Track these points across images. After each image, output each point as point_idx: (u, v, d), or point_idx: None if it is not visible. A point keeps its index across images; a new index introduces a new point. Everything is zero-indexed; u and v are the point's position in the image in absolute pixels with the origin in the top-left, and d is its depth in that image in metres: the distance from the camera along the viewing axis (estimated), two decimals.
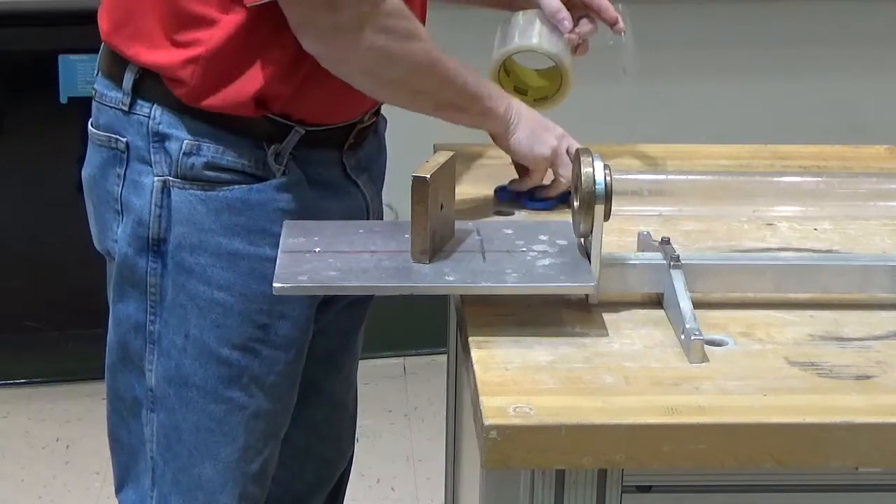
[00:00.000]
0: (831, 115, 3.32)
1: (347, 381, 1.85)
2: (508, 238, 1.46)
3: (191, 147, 1.51)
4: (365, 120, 1.61)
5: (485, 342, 1.31)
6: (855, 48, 3.32)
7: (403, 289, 1.37)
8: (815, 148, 1.93)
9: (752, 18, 3.26)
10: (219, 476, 1.59)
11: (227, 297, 1.53)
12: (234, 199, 1.52)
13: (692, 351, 1.28)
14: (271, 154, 1.52)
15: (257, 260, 1.53)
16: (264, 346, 1.56)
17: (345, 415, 1.86)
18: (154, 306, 1.56)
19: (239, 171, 1.52)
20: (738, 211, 1.53)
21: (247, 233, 1.52)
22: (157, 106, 1.52)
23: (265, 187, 1.52)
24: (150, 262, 1.55)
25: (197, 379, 1.55)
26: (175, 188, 1.52)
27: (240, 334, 1.55)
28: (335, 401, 1.81)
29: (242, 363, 1.55)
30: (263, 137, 1.52)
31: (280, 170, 1.53)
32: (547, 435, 1.17)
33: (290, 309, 1.57)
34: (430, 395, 3.13)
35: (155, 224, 1.53)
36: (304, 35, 1.46)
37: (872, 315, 1.39)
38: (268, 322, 1.55)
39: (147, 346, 1.57)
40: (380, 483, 2.85)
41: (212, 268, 1.53)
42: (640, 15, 3.37)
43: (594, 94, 3.24)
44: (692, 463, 1.19)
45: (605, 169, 1.35)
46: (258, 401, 1.58)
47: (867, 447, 1.19)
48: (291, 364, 1.60)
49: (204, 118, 1.51)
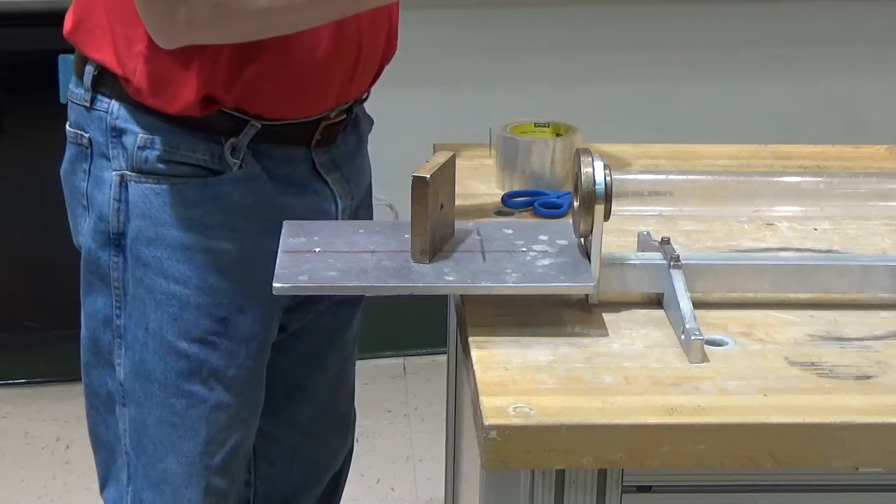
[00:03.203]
0: (831, 115, 3.32)
1: (336, 383, 1.83)
2: (508, 238, 1.46)
3: (145, 141, 1.51)
4: (332, 116, 1.59)
5: (485, 342, 1.31)
6: (855, 48, 3.32)
7: (403, 289, 1.37)
8: (815, 148, 1.93)
9: (752, 18, 3.26)
10: (183, 470, 1.59)
11: (184, 291, 1.54)
12: (189, 192, 1.52)
13: (692, 351, 1.28)
14: (228, 148, 1.52)
15: (214, 253, 1.53)
16: (223, 340, 1.56)
17: (333, 416, 1.85)
18: (119, 300, 1.57)
19: (194, 164, 1.52)
20: (738, 211, 1.53)
21: (202, 226, 1.53)
22: (114, 101, 1.53)
23: (221, 181, 1.52)
24: (112, 256, 1.56)
25: (158, 373, 1.56)
26: (132, 182, 1.53)
27: (197, 328, 1.55)
28: (321, 401, 1.81)
29: (201, 356, 1.56)
30: (220, 131, 1.52)
31: (237, 163, 1.52)
32: (547, 435, 1.17)
33: (250, 303, 1.57)
34: (430, 395, 3.13)
35: (114, 218, 1.54)
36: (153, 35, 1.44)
37: (872, 315, 1.39)
38: (226, 315, 1.56)
39: (115, 341, 1.58)
40: (380, 483, 2.85)
41: (168, 261, 1.53)
42: (640, 15, 3.38)
43: (594, 94, 3.24)
44: (692, 463, 1.19)
45: (605, 169, 1.35)
46: (218, 394, 1.58)
47: (867, 447, 1.19)
48: (253, 358, 1.60)
49: (158, 113, 1.51)
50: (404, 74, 3.22)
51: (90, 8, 1.53)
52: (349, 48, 1.55)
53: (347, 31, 1.53)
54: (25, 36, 2.44)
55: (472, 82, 3.18)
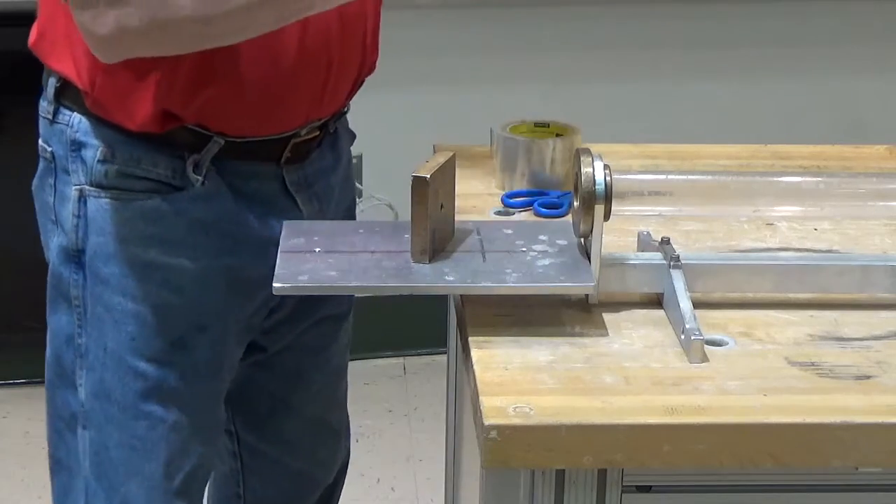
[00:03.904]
0: (831, 114, 3.32)
1: (323, 396, 1.79)
2: (508, 238, 1.46)
3: (105, 155, 1.47)
4: (303, 133, 1.54)
5: (485, 342, 1.31)
6: (855, 48, 3.32)
7: (403, 289, 1.37)
8: (815, 148, 1.93)
9: (752, 18, 3.26)
10: (144, 493, 1.54)
11: (141, 309, 1.50)
12: (148, 208, 1.48)
13: (692, 351, 1.28)
14: (190, 164, 1.47)
15: (173, 271, 1.49)
16: (181, 359, 1.52)
17: (320, 431, 1.80)
18: (80, 318, 1.53)
19: (154, 179, 1.48)
20: (738, 211, 1.53)
21: (162, 243, 1.48)
22: (75, 114, 1.49)
23: (182, 197, 1.48)
24: (72, 272, 1.52)
25: (117, 394, 1.52)
26: (91, 197, 1.49)
27: (154, 347, 1.51)
28: (307, 417, 1.77)
29: (158, 376, 1.51)
30: (182, 147, 1.47)
31: (199, 180, 1.48)
32: (547, 435, 1.17)
33: (210, 322, 1.53)
34: (430, 395, 3.14)
35: (73, 234, 1.50)
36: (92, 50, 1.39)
37: (872, 315, 1.39)
38: (184, 335, 1.51)
39: (77, 360, 1.54)
40: (380, 483, 2.85)
41: (126, 278, 1.49)
42: (640, 15, 3.38)
43: (594, 94, 3.24)
44: (692, 463, 1.19)
45: (605, 169, 1.35)
46: (176, 415, 1.53)
47: (867, 447, 1.19)
48: (212, 378, 1.56)
49: (118, 127, 1.47)
50: (404, 74, 3.23)
51: (53, 18, 1.49)
52: (317, 62, 1.49)
53: (315, 45, 1.47)
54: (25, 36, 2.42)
55: (472, 82, 3.18)
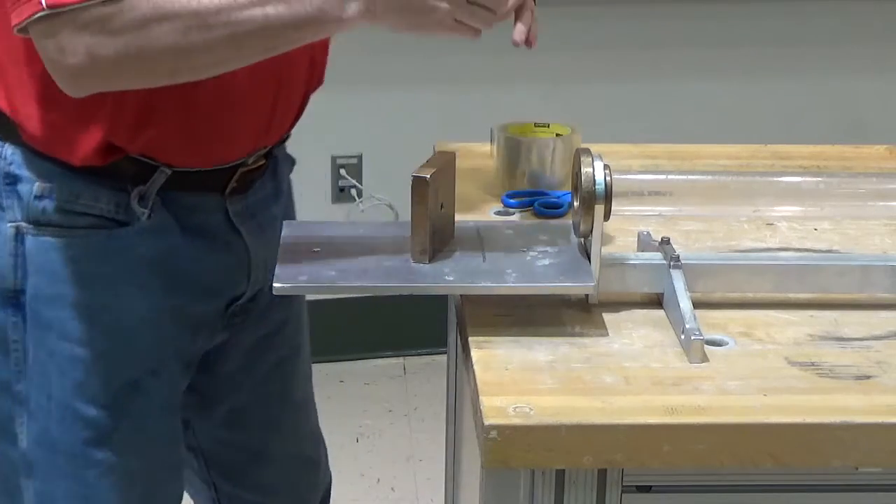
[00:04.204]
0: (831, 114, 3.32)
1: (296, 436, 1.74)
2: (508, 238, 1.46)
3: (42, 190, 1.39)
4: (250, 162, 1.48)
5: (485, 342, 1.31)
6: (855, 48, 3.32)
7: (403, 289, 1.37)
8: (815, 148, 1.93)
9: (752, 18, 3.26)
10: None
11: (89, 354, 1.41)
12: (92, 245, 1.40)
13: (692, 351, 1.28)
14: (134, 196, 1.40)
15: (121, 312, 1.42)
16: (135, 404, 1.44)
17: (299, 467, 1.75)
18: (18, 364, 1.43)
19: (97, 215, 1.40)
20: (738, 211, 1.53)
21: (108, 282, 1.41)
22: (9, 145, 1.40)
23: (127, 233, 1.40)
24: (10, 315, 1.42)
25: (64, 443, 1.43)
26: (29, 235, 1.40)
27: (106, 392, 1.43)
28: (284, 459, 1.71)
29: (111, 423, 1.43)
30: (125, 178, 1.40)
31: (145, 213, 1.40)
32: (547, 435, 1.17)
33: (162, 363, 1.46)
34: (430, 395, 3.14)
35: (10, 274, 1.40)
36: (61, 85, 1.30)
37: (872, 315, 1.39)
38: (137, 377, 1.44)
39: (15, 408, 1.44)
40: (380, 483, 2.85)
41: (71, 321, 1.40)
42: (640, 15, 3.38)
43: (594, 94, 3.24)
44: (692, 463, 1.19)
45: (605, 169, 1.35)
46: (131, 461, 1.46)
47: (867, 447, 1.19)
48: (167, 420, 1.49)
49: (56, 159, 1.39)
50: (404, 74, 3.23)
51: None
52: (266, 88, 1.44)
53: (263, 69, 1.38)
54: None
55: (472, 82, 3.18)
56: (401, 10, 1.29)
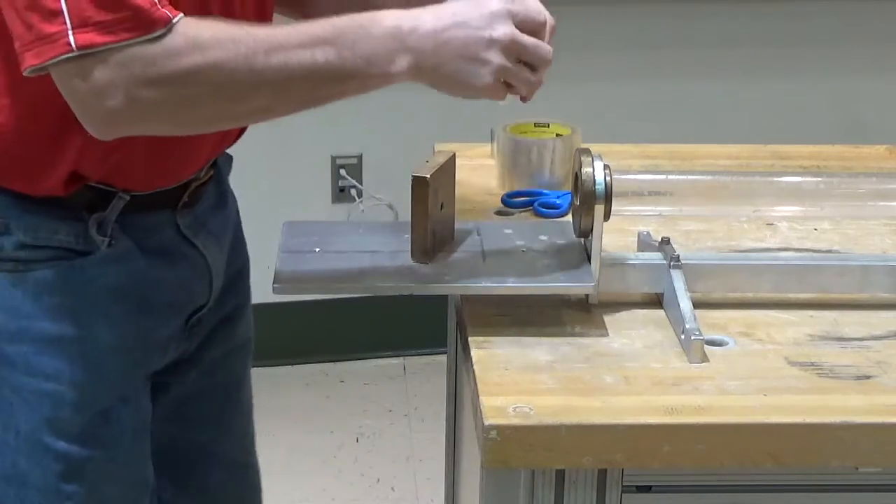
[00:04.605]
0: (831, 115, 3.32)
1: (243, 440, 1.69)
2: (508, 238, 1.46)
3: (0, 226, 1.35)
4: (202, 175, 1.45)
5: (485, 342, 1.31)
6: (855, 48, 3.32)
7: (403, 289, 1.37)
8: (815, 148, 1.93)
9: (752, 18, 3.26)
10: None
11: (57, 387, 1.37)
12: (53, 278, 1.35)
13: (692, 351, 1.28)
14: (93, 225, 1.35)
15: (88, 343, 1.37)
16: (107, 433, 1.41)
17: (244, 476, 1.70)
18: None
19: (56, 247, 1.35)
20: (738, 211, 1.53)
21: (73, 314, 1.36)
22: None
23: (88, 263, 1.36)
24: None
25: (34, 478, 1.39)
26: None
27: (76, 425, 1.38)
28: (230, 463, 1.66)
29: (83, 455, 1.39)
30: (82, 207, 1.35)
31: (105, 241, 1.36)
32: (547, 435, 1.17)
33: (133, 390, 1.43)
34: (430, 395, 3.13)
35: None
36: (88, 126, 1.26)
37: (872, 315, 1.39)
38: (108, 406, 1.40)
39: None
40: (380, 483, 2.85)
41: (36, 356, 1.36)
42: (640, 15, 3.37)
43: (594, 94, 3.24)
44: (692, 463, 1.19)
45: (605, 169, 1.35)
46: (104, 489, 1.43)
47: (867, 447, 1.19)
48: (138, 444, 1.46)
49: (11, 192, 1.35)
50: None
51: None
52: None
53: None
54: None
55: None
56: (451, 62, 1.27)
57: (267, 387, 3.19)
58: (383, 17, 1.27)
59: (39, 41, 1.20)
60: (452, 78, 1.28)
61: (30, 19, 1.20)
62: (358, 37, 1.25)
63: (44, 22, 1.20)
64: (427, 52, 1.26)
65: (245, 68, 1.23)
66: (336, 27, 1.26)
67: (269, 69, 1.24)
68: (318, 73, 1.25)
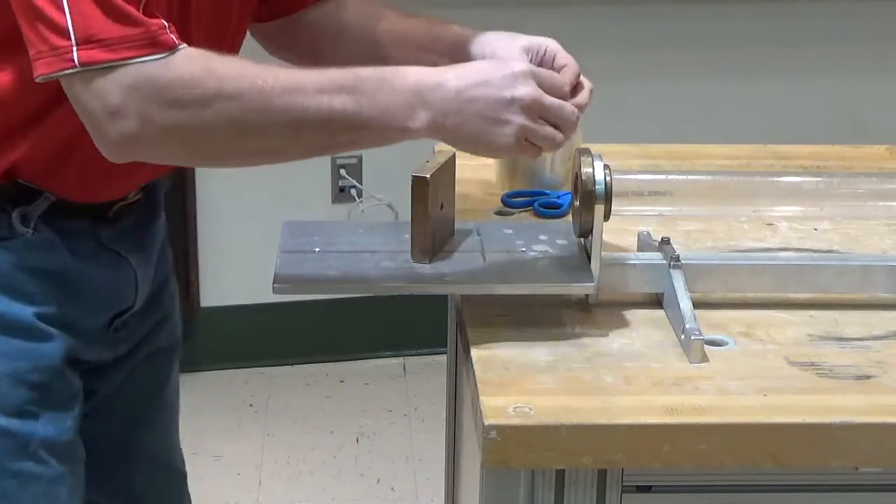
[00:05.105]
0: (831, 115, 3.32)
1: (166, 440, 1.67)
2: (508, 238, 1.46)
3: None
4: (129, 198, 1.46)
5: (485, 342, 1.31)
6: (855, 48, 3.32)
7: (403, 289, 1.37)
8: (815, 148, 1.93)
9: (752, 18, 3.26)
10: None
11: None
12: None
13: (692, 351, 1.28)
14: (17, 216, 1.37)
15: (16, 318, 1.38)
16: (45, 408, 1.41)
17: (167, 476, 1.68)
18: None
19: None
20: (738, 211, 1.53)
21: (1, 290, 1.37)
22: None
23: (12, 245, 1.37)
24: None
25: None
26: None
27: (13, 400, 1.39)
28: (154, 463, 1.65)
29: (25, 430, 1.39)
30: (7, 199, 1.37)
31: (28, 231, 1.38)
32: (547, 435, 1.17)
33: (62, 362, 1.42)
34: (430, 395, 3.13)
35: None
36: (101, 147, 1.27)
37: (872, 315, 1.39)
38: (44, 380, 1.40)
39: None
40: (380, 483, 2.85)
41: None
42: (640, 15, 3.38)
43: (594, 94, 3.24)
44: (692, 463, 1.19)
45: (605, 169, 1.35)
46: (53, 467, 1.42)
47: (867, 447, 1.19)
48: (78, 419, 1.45)
49: None
50: None
51: None
52: None
53: None
54: None
55: None
56: (472, 122, 1.27)
57: (267, 387, 3.20)
58: (407, 72, 1.27)
59: (50, 52, 1.22)
60: (474, 138, 1.28)
61: (41, 30, 1.22)
62: (379, 88, 1.26)
63: (52, 34, 1.22)
64: (448, 111, 1.26)
65: (261, 104, 1.24)
66: (358, 76, 1.26)
67: (285, 109, 1.24)
68: (334, 119, 1.25)
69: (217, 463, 2.88)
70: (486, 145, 1.29)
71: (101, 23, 1.21)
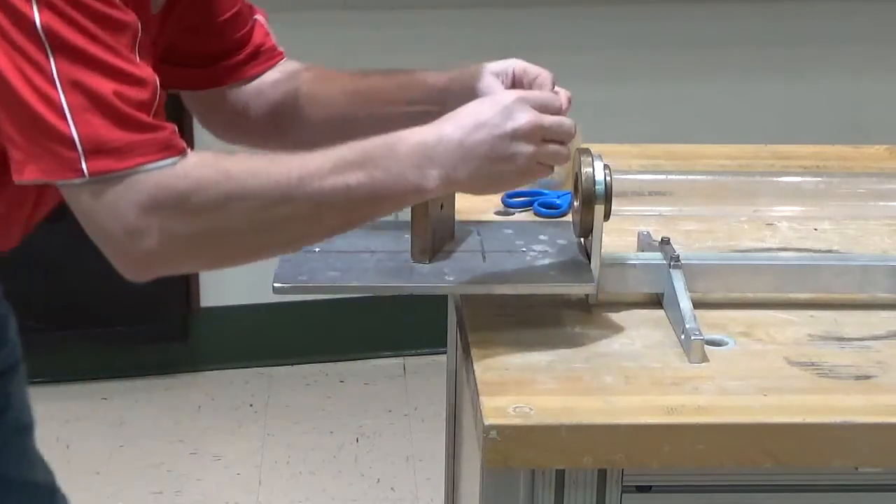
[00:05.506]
0: (831, 115, 3.32)
1: (23, 460, 1.63)
2: (508, 238, 1.46)
3: None
4: None
5: (485, 342, 1.31)
6: (855, 48, 3.31)
7: (403, 289, 1.37)
8: (815, 148, 1.93)
9: (752, 18, 3.26)
10: None
11: None
12: None
13: (692, 351, 1.28)
14: None
15: None
16: None
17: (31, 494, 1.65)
18: None
19: None
20: (738, 211, 1.53)
21: None
22: None
23: None
24: None
25: None
26: None
27: None
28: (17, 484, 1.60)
29: None
30: None
31: None
32: (547, 435, 1.17)
33: None
34: (430, 395, 3.13)
35: None
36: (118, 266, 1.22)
37: (872, 315, 1.39)
38: None
39: None
40: (380, 483, 2.85)
41: None
42: (640, 15, 3.37)
43: (594, 94, 3.24)
44: (692, 463, 1.19)
45: (605, 169, 1.35)
46: None
47: (867, 447, 1.19)
48: None
49: None
50: None
51: None
52: None
53: None
54: None
55: None
56: (482, 167, 1.26)
57: (267, 387, 3.20)
58: (407, 135, 1.27)
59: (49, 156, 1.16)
60: (490, 181, 1.28)
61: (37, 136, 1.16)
62: (385, 157, 1.25)
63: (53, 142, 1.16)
64: (457, 162, 1.26)
65: (281, 197, 1.22)
66: (364, 150, 1.25)
67: (306, 197, 1.22)
68: (352, 197, 1.24)
69: (217, 463, 2.88)
70: (503, 183, 1.30)
71: (109, 130, 1.16)
